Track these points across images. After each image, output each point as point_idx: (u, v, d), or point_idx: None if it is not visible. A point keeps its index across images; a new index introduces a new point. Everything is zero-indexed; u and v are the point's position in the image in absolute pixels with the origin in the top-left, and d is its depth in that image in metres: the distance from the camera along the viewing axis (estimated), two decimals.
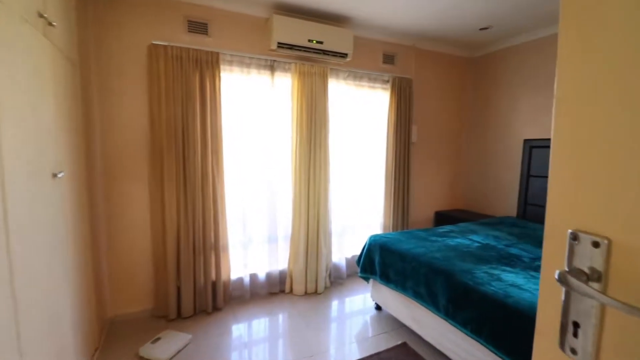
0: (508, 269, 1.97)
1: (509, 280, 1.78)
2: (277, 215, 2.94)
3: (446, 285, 1.89)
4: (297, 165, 2.88)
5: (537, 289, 1.68)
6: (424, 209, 3.91)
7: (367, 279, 2.69)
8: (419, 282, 2.10)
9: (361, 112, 3.30)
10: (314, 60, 2.94)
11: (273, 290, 2.96)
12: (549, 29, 3.14)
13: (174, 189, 2.47)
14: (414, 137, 3.61)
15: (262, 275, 2.92)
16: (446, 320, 1.89)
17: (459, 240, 2.56)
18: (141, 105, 2.47)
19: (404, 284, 2.22)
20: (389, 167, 3.42)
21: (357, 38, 3.18)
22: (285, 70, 2.87)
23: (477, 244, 2.47)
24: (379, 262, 2.48)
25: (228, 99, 2.71)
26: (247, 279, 2.83)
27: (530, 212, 3.39)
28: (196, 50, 2.48)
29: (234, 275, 2.81)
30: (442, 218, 3.90)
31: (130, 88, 2.44)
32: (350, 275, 3.37)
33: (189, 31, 2.56)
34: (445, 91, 3.91)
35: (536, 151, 3.33)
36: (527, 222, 3.23)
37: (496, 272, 1.91)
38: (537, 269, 1.98)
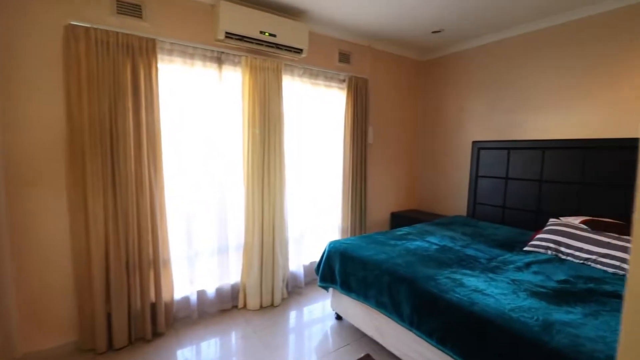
0: (468, 272, 1.96)
1: (471, 286, 1.75)
2: (228, 223, 2.67)
3: (410, 294, 1.82)
4: (250, 168, 2.64)
5: (499, 293, 1.67)
6: (380, 210, 3.90)
7: (326, 288, 2.55)
8: (381, 291, 2.00)
9: (317, 112, 3.16)
10: (266, 55, 2.72)
11: (224, 306, 2.68)
12: (495, 36, 3.28)
13: (101, 197, 2.08)
14: (370, 138, 3.56)
15: (211, 291, 2.63)
16: (410, 330, 1.81)
17: (417, 243, 2.54)
18: (56, 98, 2.04)
19: (366, 293, 2.11)
20: (347, 169, 3.32)
21: (313, 34, 3.03)
22: (234, 63, 2.61)
23: (435, 247, 2.46)
24: (339, 271, 2.35)
25: (168, 94, 2.39)
26: (194, 297, 2.52)
27: (479, 211, 3.53)
28: (127, 35, 2.12)
29: (178, 294, 2.49)
30: (398, 219, 3.92)
31: (41, 78, 2.00)
32: (309, 283, 3.21)
33: (118, 13, 2.18)
34: (399, 93, 3.93)
35: (484, 152, 3.47)
36: (477, 221, 3.35)
37: (457, 276, 1.88)
38: (494, 270, 2.00)
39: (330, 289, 2.55)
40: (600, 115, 2.66)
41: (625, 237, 2.11)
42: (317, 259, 3.25)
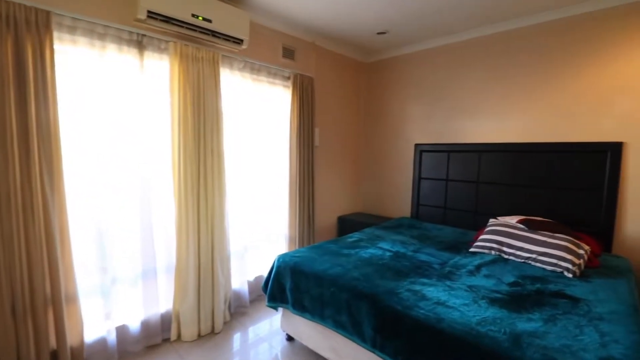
0: (426, 281, 1.89)
1: (433, 298, 1.66)
2: (155, 241, 2.23)
3: (372, 312, 1.67)
4: (182, 176, 2.25)
5: (462, 304, 1.58)
6: (327, 215, 3.75)
7: (276, 308, 2.29)
8: (340, 310, 1.82)
9: (261, 111, 2.87)
10: (201, 43, 2.35)
11: (153, 341, 2.24)
12: (436, 41, 3.37)
13: None
14: (317, 140, 3.39)
15: (135, 326, 2.16)
16: (373, 351, 1.66)
17: (370, 250, 2.43)
18: None
19: (322, 312, 1.92)
20: (293, 173, 3.10)
21: (255, 25, 2.73)
22: (160, 50, 2.19)
23: (389, 254, 2.38)
24: (291, 289, 2.11)
25: (72, 85, 1.88)
26: (112, 336, 2.04)
27: (423, 212, 3.62)
28: (8, 2, 1.59)
29: (90, 335, 1.98)
30: (345, 223, 3.82)
31: None
32: (255, 300, 2.91)
33: None
34: (345, 94, 3.84)
35: (426, 155, 3.55)
36: (422, 223, 3.41)
37: (417, 287, 1.80)
38: (449, 276, 1.97)
39: (281, 309, 2.30)
40: (526, 122, 2.87)
41: (558, 235, 2.26)
42: (263, 272, 2.97)
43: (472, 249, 2.49)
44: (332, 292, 1.86)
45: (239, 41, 2.43)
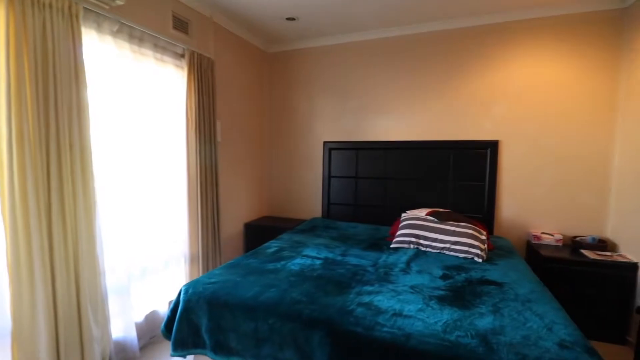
0: (370, 288, 1.73)
1: (388, 309, 1.50)
2: None
3: (327, 341, 1.38)
4: (16, 186, 1.43)
5: (417, 310, 1.48)
6: (233, 223, 3.24)
7: (184, 356, 1.72)
8: (283, 345, 1.46)
9: (147, 96, 2.17)
10: None
11: None
12: (347, 37, 3.30)
13: None
14: (219, 136, 2.85)
15: None
16: None
17: (298, 261, 2.13)
18: None
19: (258, 352, 1.51)
20: (192, 175, 2.50)
21: None
22: None
23: (318, 262, 2.13)
24: (209, 328, 1.61)
25: None
26: None
27: (334, 211, 3.53)
28: None
29: None
30: (253, 231, 3.39)
31: None
32: (148, 346, 2.19)
33: None
34: (248, 84, 3.39)
35: (335, 153, 3.48)
36: (335, 222, 3.32)
37: (366, 298, 1.61)
38: (387, 279, 1.87)
39: (192, 356, 1.75)
40: (428, 122, 3.10)
41: (462, 223, 2.48)
42: (158, 307, 2.30)
43: (393, 245, 2.50)
44: (272, 325, 1.48)
45: None
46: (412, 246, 2.45)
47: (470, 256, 2.25)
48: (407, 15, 2.83)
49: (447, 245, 2.35)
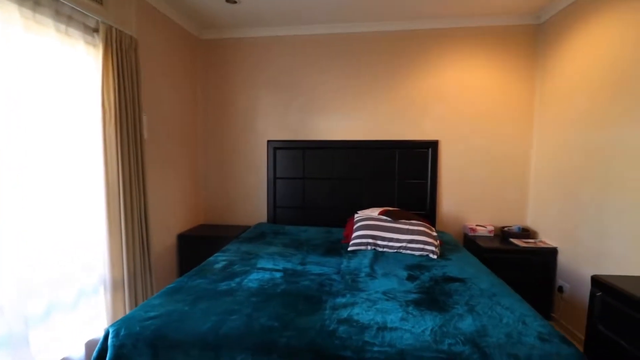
0: (343, 300, 1.59)
1: (371, 324, 1.37)
2: None
3: None
4: None
5: (400, 320, 1.43)
6: (164, 235, 2.77)
7: None
8: None
9: (47, 80, 1.64)
10: None
11: None
12: (292, 29, 3.09)
13: None
14: (146, 132, 2.38)
15: None
16: None
17: (254, 276, 1.88)
18: None
19: None
20: (113, 180, 2.01)
21: None
22: None
23: (278, 274, 1.91)
24: None
25: None
26: None
27: (280, 215, 3.31)
28: None
29: None
30: (189, 242, 2.96)
31: None
32: None
33: None
34: (178, 73, 2.93)
35: (280, 152, 3.25)
36: (283, 227, 3.11)
37: (344, 314, 1.46)
38: (357, 287, 1.75)
39: None
40: (373, 121, 3.11)
41: (414, 221, 2.52)
42: (71, 354, 1.79)
43: (350, 247, 2.42)
44: None
45: None
46: (369, 247, 2.40)
47: (425, 253, 2.29)
48: (352, 13, 2.78)
49: (404, 244, 2.36)
